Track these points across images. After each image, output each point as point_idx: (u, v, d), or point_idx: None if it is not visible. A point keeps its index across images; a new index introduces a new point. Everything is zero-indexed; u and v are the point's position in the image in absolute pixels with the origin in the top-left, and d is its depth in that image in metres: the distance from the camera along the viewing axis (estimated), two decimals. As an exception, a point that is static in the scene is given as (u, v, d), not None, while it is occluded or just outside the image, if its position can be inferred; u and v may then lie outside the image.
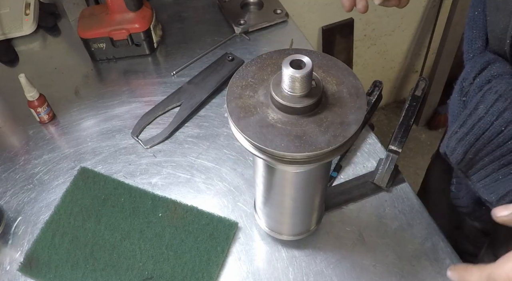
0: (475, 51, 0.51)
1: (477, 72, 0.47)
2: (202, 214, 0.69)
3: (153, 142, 0.79)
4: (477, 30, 0.51)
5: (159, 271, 0.64)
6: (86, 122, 0.83)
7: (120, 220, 0.69)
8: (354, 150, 0.76)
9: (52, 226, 0.69)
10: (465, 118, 0.45)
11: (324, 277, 0.63)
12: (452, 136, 0.47)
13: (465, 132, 0.44)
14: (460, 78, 0.50)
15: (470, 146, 0.44)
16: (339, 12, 1.50)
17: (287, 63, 0.41)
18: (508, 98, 0.41)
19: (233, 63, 0.88)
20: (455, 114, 0.51)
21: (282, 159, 0.43)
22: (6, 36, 0.95)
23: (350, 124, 0.43)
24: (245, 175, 0.74)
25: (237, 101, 0.45)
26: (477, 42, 0.51)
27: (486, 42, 0.51)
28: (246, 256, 0.66)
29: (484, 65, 0.46)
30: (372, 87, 0.79)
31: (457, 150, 0.46)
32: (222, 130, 0.80)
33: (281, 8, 0.97)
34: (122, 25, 0.87)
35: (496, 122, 0.42)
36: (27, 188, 0.74)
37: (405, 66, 1.88)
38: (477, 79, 0.46)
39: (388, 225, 0.68)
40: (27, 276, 0.65)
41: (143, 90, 0.88)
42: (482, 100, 0.43)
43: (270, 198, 0.58)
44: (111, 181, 0.74)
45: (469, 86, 0.47)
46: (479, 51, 0.50)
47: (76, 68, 0.92)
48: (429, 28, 1.71)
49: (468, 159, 0.46)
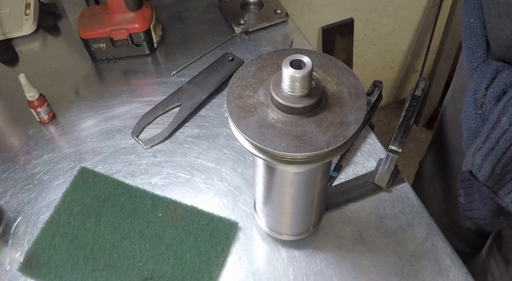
0: (478, 60, 0.49)
1: (488, 83, 0.45)
2: (202, 214, 0.69)
3: (153, 142, 0.79)
4: (476, 38, 0.50)
5: (159, 271, 0.64)
6: (86, 122, 0.83)
7: (120, 220, 0.69)
8: (354, 150, 0.76)
9: (52, 226, 0.69)
10: (487, 132, 0.44)
11: (324, 277, 0.63)
12: (476, 152, 0.45)
13: (490, 147, 0.43)
14: (471, 90, 0.48)
15: (498, 161, 0.43)
16: (339, 12, 1.50)
17: (287, 63, 0.41)
18: None
19: (233, 63, 0.88)
20: (472, 128, 0.49)
21: (282, 159, 0.43)
22: (6, 36, 0.95)
23: (350, 124, 0.43)
24: (245, 175, 0.74)
25: (237, 101, 0.45)
26: (479, 51, 0.50)
27: (487, 49, 0.50)
28: (246, 256, 0.66)
29: (494, 74, 0.45)
30: (372, 87, 0.79)
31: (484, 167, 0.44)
32: (222, 130, 0.80)
33: (281, 8, 0.97)
34: (122, 25, 0.87)
35: None
36: (27, 188, 0.74)
37: (405, 66, 1.88)
38: (490, 89, 0.45)
39: (388, 225, 0.68)
40: (27, 276, 0.65)
41: (143, 90, 0.88)
42: (504, 112, 0.42)
43: (270, 198, 0.58)
44: (111, 181, 0.74)
45: (483, 97, 0.46)
46: (482, 59, 0.49)
47: (76, 68, 0.92)
48: (429, 28, 1.71)
49: (496, 174, 0.44)
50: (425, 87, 0.76)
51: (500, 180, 0.44)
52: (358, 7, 1.52)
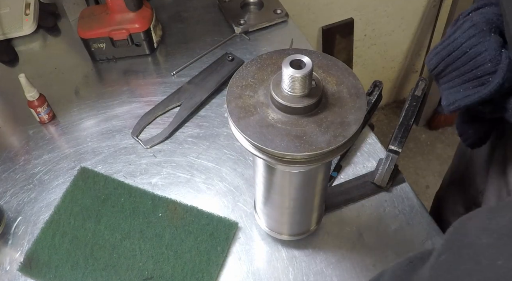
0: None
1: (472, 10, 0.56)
2: (202, 214, 0.69)
3: (153, 142, 0.79)
4: None
5: (159, 271, 0.64)
6: (86, 122, 0.83)
7: (120, 220, 0.69)
8: (354, 150, 0.76)
9: (52, 226, 0.69)
10: (445, 38, 0.56)
11: (324, 277, 0.63)
12: (433, 50, 0.57)
13: (441, 48, 0.55)
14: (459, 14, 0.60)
15: (442, 59, 0.55)
16: (339, 12, 1.50)
17: (287, 63, 0.41)
18: (479, 27, 0.51)
19: (233, 63, 0.88)
20: None
21: (282, 159, 0.43)
22: (6, 36, 0.95)
23: (350, 124, 0.43)
24: (245, 175, 0.74)
25: (237, 101, 0.45)
26: None
27: None
28: (246, 256, 0.66)
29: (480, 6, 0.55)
30: (372, 87, 0.79)
31: (432, 60, 0.56)
32: (222, 130, 0.80)
33: (281, 8, 0.97)
34: (122, 25, 0.87)
35: (464, 44, 0.52)
36: (27, 188, 0.74)
37: (405, 66, 1.88)
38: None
39: (388, 225, 0.68)
40: (27, 276, 0.65)
41: (143, 90, 0.88)
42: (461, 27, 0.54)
43: (270, 198, 0.58)
44: (111, 181, 0.74)
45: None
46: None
47: (76, 68, 0.92)
48: (429, 28, 1.71)
49: (439, 69, 0.56)
50: (425, 87, 0.76)
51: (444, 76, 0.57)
52: (358, 7, 1.52)
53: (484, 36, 0.51)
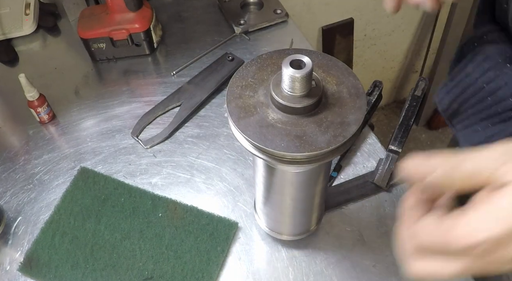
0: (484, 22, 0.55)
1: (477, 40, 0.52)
2: (202, 214, 0.69)
3: (153, 142, 0.79)
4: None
5: (159, 271, 0.64)
6: (86, 122, 0.83)
7: (120, 220, 0.69)
8: (354, 150, 0.76)
9: (52, 226, 0.69)
10: (455, 74, 0.51)
11: (324, 277, 0.63)
12: (443, 88, 0.53)
13: (453, 85, 0.51)
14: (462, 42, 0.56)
15: (456, 97, 0.51)
16: (339, 12, 1.50)
17: (287, 63, 0.41)
18: (493, 59, 0.47)
19: (233, 63, 0.88)
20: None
21: (282, 159, 0.43)
22: (6, 36, 0.95)
23: (350, 124, 0.43)
24: (245, 175, 0.74)
25: (237, 101, 0.45)
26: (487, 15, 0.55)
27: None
28: (246, 256, 0.66)
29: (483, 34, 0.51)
30: (372, 87, 0.79)
31: (444, 100, 0.52)
32: (222, 130, 0.80)
33: (281, 8, 0.97)
34: (122, 25, 0.87)
35: (480, 79, 0.47)
36: (27, 188, 0.74)
37: (405, 66, 1.88)
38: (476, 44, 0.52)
39: (388, 225, 0.68)
40: (27, 276, 0.65)
41: (143, 90, 0.88)
42: (472, 60, 0.49)
43: (270, 198, 0.58)
44: (111, 181, 0.74)
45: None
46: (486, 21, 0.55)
47: (76, 68, 0.92)
48: (429, 28, 1.71)
49: (452, 109, 0.52)
50: (425, 87, 0.76)
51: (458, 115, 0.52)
52: (358, 7, 1.52)
53: (500, 69, 0.46)
